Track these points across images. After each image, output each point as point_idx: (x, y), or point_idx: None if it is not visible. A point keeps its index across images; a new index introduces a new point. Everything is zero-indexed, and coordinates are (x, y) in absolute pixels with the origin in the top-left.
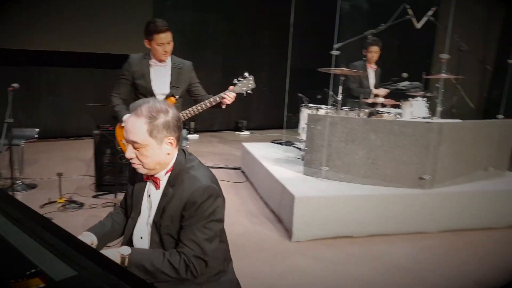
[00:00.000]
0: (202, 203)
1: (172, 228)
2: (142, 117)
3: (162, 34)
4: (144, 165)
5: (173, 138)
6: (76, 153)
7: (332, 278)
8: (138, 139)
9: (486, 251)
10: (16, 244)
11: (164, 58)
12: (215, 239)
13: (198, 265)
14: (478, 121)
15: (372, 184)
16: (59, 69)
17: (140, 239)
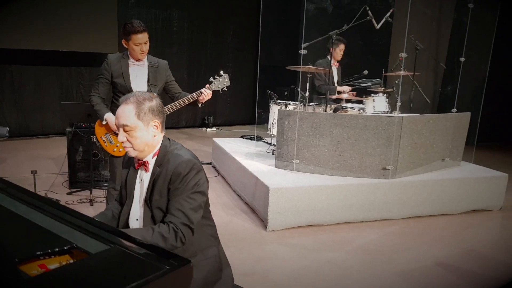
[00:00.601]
0: (186, 175)
1: (161, 202)
2: (130, 103)
3: (139, 35)
4: (134, 146)
5: (158, 122)
6: (44, 151)
7: (305, 262)
8: (128, 122)
9: (444, 234)
10: (47, 226)
11: (141, 57)
12: (199, 210)
13: (185, 232)
14: (435, 115)
15: (340, 175)
16: (22, 67)
17: (136, 221)
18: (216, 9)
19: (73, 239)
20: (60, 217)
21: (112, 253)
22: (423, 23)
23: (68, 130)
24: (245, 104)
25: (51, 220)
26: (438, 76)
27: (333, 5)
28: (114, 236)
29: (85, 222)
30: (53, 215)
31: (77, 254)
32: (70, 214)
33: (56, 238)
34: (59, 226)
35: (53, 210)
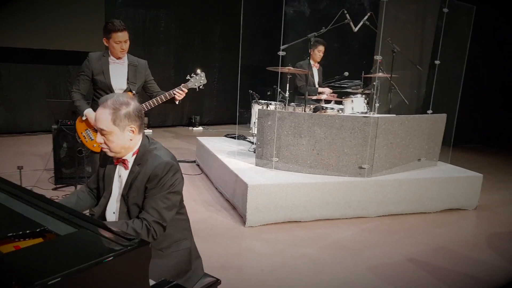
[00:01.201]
0: (163, 177)
1: (138, 198)
2: (107, 108)
3: (120, 33)
4: (111, 148)
5: (134, 127)
6: (30, 148)
7: (280, 257)
8: (104, 126)
9: (418, 232)
10: (23, 212)
11: (121, 55)
12: (173, 209)
13: (157, 229)
14: (410, 115)
15: (318, 173)
16: (10, 65)
17: (113, 214)
18: (203, 10)
19: (46, 223)
20: (35, 204)
21: (80, 235)
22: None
23: (54, 127)
24: (231, 103)
25: (26, 207)
26: (418, 78)
27: (311, 9)
28: (83, 221)
29: (58, 209)
30: (29, 202)
31: (49, 237)
32: (44, 202)
33: (30, 222)
34: (33, 212)
35: (29, 198)
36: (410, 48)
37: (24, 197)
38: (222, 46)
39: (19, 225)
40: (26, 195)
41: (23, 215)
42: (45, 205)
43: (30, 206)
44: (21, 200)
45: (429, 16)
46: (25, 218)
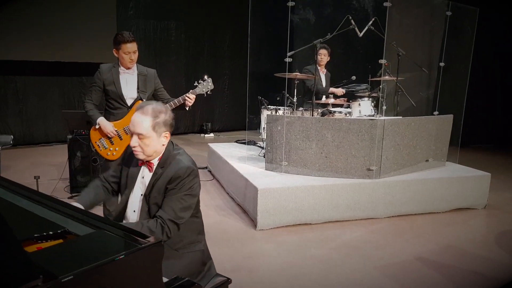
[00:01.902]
0: (184, 179)
1: (158, 198)
2: (148, 115)
3: (129, 44)
4: (144, 152)
5: (168, 133)
6: (46, 158)
7: (291, 258)
8: (143, 131)
9: (428, 231)
10: (44, 215)
11: (130, 65)
12: (188, 210)
13: (172, 228)
14: (416, 117)
15: (326, 176)
16: (26, 77)
17: (133, 212)
18: (212, 19)
19: (66, 225)
20: (55, 208)
21: (98, 234)
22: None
23: (69, 137)
24: (241, 110)
25: (47, 211)
26: (424, 80)
27: (317, 16)
28: (100, 222)
29: (77, 212)
30: (49, 207)
31: (69, 238)
32: (64, 206)
33: (52, 224)
34: (54, 215)
35: (49, 202)
36: (415, 51)
37: (45, 202)
38: (231, 54)
39: (41, 228)
40: (46, 200)
41: (45, 218)
42: (65, 208)
43: (50, 210)
44: (42, 205)
45: (433, 19)
46: (47, 221)
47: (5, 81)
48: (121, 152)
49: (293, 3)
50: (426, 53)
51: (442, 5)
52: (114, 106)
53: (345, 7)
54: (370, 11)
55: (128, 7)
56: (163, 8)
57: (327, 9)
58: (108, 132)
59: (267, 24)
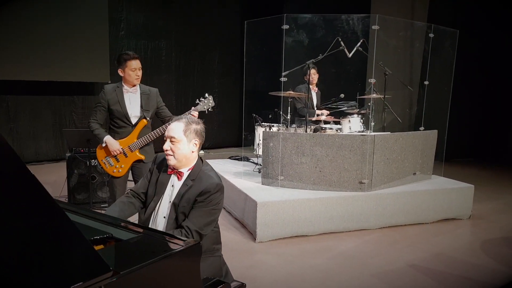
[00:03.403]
0: (213, 194)
1: (186, 208)
2: (182, 122)
3: (133, 61)
4: (175, 155)
5: (198, 141)
6: (39, 177)
7: (291, 268)
8: (175, 135)
9: (417, 240)
10: (85, 223)
11: (137, 82)
12: (213, 223)
13: (196, 238)
14: (404, 132)
15: (321, 189)
16: (18, 97)
17: (163, 218)
18: (201, 38)
19: (108, 231)
20: (93, 217)
21: (142, 238)
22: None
23: (68, 155)
24: (231, 127)
25: (85, 219)
26: (409, 97)
27: (309, 38)
28: (139, 228)
29: (115, 219)
30: (86, 216)
31: (110, 243)
32: (99, 214)
33: (94, 230)
34: (92, 223)
35: (84, 211)
36: (400, 70)
37: (81, 212)
38: (221, 72)
39: (86, 234)
40: (81, 209)
41: (86, 225)
42: (102, 217)
43: (87, 218)
44: (79, 214)
45: (417, 41)
46: (90, 228)
47: None
48: (126, 168)
49: (287, 26)
50: (410, 72)
51: (425, 27)
52: (119, 125)
53: (335, 30)
54: (358, 33)
55: (119, 27)
56: (153, 28)
57: (319, 32)
58: (114, 150)
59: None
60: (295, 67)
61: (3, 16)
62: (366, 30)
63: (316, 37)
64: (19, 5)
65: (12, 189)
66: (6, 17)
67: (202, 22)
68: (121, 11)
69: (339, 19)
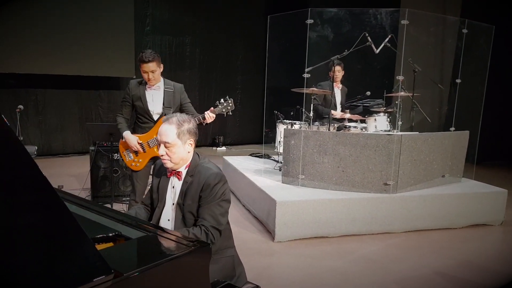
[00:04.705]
0: (215, 185)
1: (192, 206)
2: (173, 124)
3: (145, 64)
4: (172, 159)
5: (193, 141)
6: (65, 169)
7: (310, 270)
8: (169, 140)
9: (444, 246)
10: (96, 220)
11: (150, 84)
12: (226, 215)
13: (215, 234)
14: (433, 133)
15: (343, 190)
16: (46, 90)
17: (168, 221)
18: (225, 35)
19: (117, 229)
20: (104, 213)
21: (151, 237)
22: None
23: (91, 149)
24: (253, 124)
25: (96, 216)
26: (439, 96)
27: (334, 33)
28: (149, 227)
29: (125, 217)
30: (98, 212)
31: (120, 241)
32: (112, 211)
33: (104, 227)
34: (104, 220)
35: (97, 208)
36: (431, 67)
37: (94, 208)
38: (244, 68)
39: (95, 231)
40: (94, 206)
41: (96, 222)
42: (114, 214)
43: (99, 215)
44: (92, 210)
45: (449, 36)
46: (99, 225)
47: (27, 93)
48: (144, 164)
49: (312, 21)
50: (441, 69)
51: (458, 23)
52: (143, 121)
53: (362, 24)
54: (387, 28)
55: (145, 23)
56: (178, 24)
57: (345, 26)
58: (131, 146)
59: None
60: (319, 63)
61: (34, 13)
62: (395, 25)
63: (341, 32)
64: (49, 2)
65: (14, 182)
66: (37, 14)
67: (227, 18)
68: (147, 7)
69: (367, 13)
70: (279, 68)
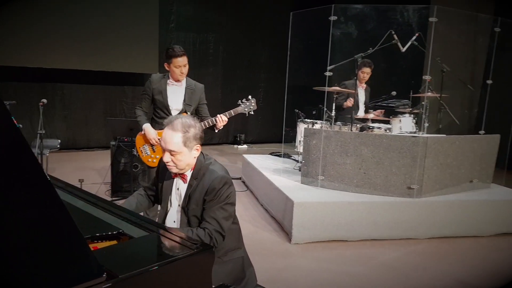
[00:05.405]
0: (220, 189)
1: (197, 210)
2: (178, 131)
3: (179, 58)
4: (178, 166)
5: (199, 146)
6: (88, 162)
7: (327, 275)
8: (175, 148)
9: (470, 255)
10: (100, 217)
11: (181, 78)
12: (230, 219)
13: (218, 238)
14: (461, 136)
15: (364, 192)
16: (72, 86)
17: (173, 223)
18: (250, 32)
19: (121, 227)
20: (110, 210)
21: (152, 237)
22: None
23: (112, 144)
24: (275, 122)
25: (102, 213)
26: (469, 98)
27: (359, 30)
28: (153, 226)
29: (130, 215)
30: (104, 209)
31: (123, 239)
32: (118, 208)
33: (107, 225)
34: (109, 217)
35: (104, 204)
36: (460, 67)
37: (100, 204)
38: (268, 66)
39: (97, 228)
40: (101, 202)
41: (100, 219)
42: (119, 211)
43: (105, 212)
44: (97, 206)
45: (480, 35)
46: (103, 222)
47: (53, 88)
48: None
49: (335, 18)
50: (471, 70)
51: (490, 21)
52: (160, 116)
53: (388, 22)
54: (414, 26)
55: (169, 20)
56: (202, 21)
57: (370, 23)
58: (150, 139)
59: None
60: (342, 61)
61: (62, 10)
62: (423, 23)
63: (366, 30)
64: None
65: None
66: (65, 11)
67: (251, 15)
68: (172, 4)
69: (393, 10)
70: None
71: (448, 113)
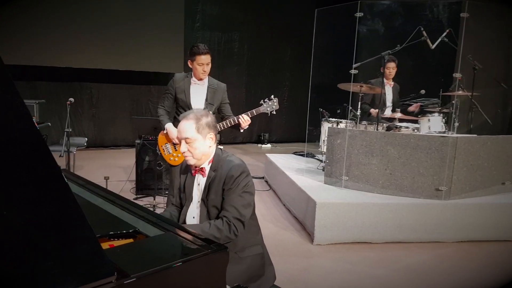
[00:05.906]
0: (238, 177)
1: (216, 201)
2: (190, 120)
3: (203, 56)
4: (194, 155)
5: (213, 134)
6: (115, 160)
7: (349, 277)
8: (189, 135)
9: (501, 260)
10: (117, 215)
11: (203, 76)
12: (249, 207)
13: (237, 225)
14: (493, 136)
15: (390, 194)
16: (100, 85)
17: (192, 218)
18: (274, 31)
19: (137, 225)
20: (127, 209)
21: (167, 237)
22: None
23: (137, 142)
24: (299, 122)
25: (119, 210)
26: (502, 97)
27: (386, 27)
28: (169, 225)
29: (147, 213)
30: (122, 207)
31: (139, 237)
32: (135, 207)
33: (124, 223)
34: (126, 215)
35: (121, 202)
36: (493, 65)
37: (118, 202)
38: (292, 65)
39: (114, 226)
40: (119, 200)
41: (117, 217)
42: (137, 210)
43: (123, 210)
44: (115, 204)
45: None
46: (120, 220)
47: (81, 87)
48: (182, 158)
49: (361, 14)
50: (505, 67)
51: None
52: None
53: (417, 18)
54: (444, 22)
55: (195, 19)
56: (227, 20)
57: (397, 20)
58: (173, 138)
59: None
60: (368, 59)
61: (90, 12)
62: (454, 18)
63: (393, 26)
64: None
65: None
66: (92, 11)
67: (276, 14)
68: (197, 3)
69: (422, 5)
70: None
71: (480, 112)
